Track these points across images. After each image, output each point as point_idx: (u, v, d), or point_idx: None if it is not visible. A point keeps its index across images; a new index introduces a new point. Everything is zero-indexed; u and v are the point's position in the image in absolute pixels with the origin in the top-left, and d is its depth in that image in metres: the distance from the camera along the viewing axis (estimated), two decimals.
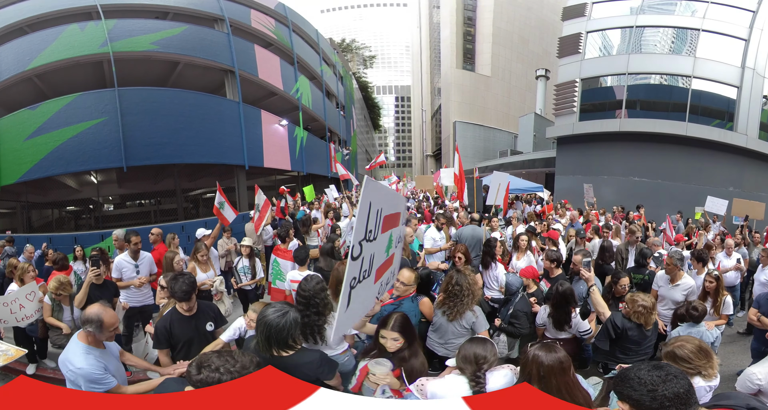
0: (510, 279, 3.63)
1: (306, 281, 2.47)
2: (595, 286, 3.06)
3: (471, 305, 2.74)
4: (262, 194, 6.33)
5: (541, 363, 1.67)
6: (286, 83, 13.11)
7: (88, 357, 2.08)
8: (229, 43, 10.74)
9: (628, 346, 2.86)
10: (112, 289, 3.80)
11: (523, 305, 3.44)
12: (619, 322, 2.84)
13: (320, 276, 2.63)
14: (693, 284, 3.70)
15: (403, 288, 2.81)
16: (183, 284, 2.45)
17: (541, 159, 22.79)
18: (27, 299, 3.62)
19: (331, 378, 2.11)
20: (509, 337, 3.46)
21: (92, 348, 2.14)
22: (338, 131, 19.18)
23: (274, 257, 4.76)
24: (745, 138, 14.74)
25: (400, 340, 2.08)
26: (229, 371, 1.41)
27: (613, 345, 2.91)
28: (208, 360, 1.44)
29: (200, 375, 1.41)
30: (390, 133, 75.26)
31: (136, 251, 4.29)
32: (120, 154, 8.28)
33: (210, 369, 1.41)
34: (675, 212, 11.28)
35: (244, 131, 10.50)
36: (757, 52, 14.83)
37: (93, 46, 8.68)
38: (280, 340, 1.94)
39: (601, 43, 18.18)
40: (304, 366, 1.99)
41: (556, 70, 21.15)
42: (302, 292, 2.43)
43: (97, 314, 2.09)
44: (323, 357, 2.12)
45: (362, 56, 61.96)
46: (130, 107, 8.50)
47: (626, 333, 2.81)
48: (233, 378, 1.38)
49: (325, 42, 19.12)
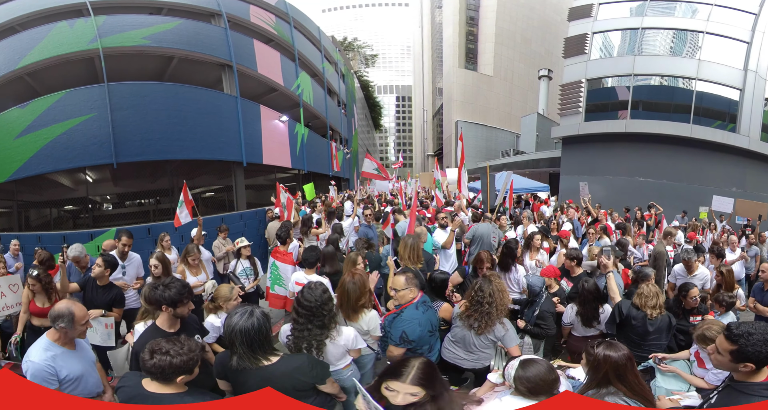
0: (532, 280, 3.46)
1: (310, 290, 2.17)
2: (612, 273, 3.33)
3: (500, 316, 2.43)
4: (284, 192, 6.24)
5: (615, 362, 1.65)
6: (287, 79, 12.81)
7: (46, 353, 2.00)
8: (226, 38, 10.44)
9: (631, 337, 2.92)
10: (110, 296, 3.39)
11: (548, 305, 3.34)
12: (624, 309, 2.96)
13: (326, 285, 2.30)
14: (708, 274, 4.18)
15: (400, 295, 2.49)
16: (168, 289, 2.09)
17: (545, 159, 22.75)
18: (10, 289, 3.58)
19: (324, 381, 1.89)
20: (534, 339, 3.34)
21: (56, 346, 2.04)
22: (340, 129, 18.88)
23: (272, 261, 4.42)
24: (747, 140, 14.95)
25: (421, 394, 1.41)
26: (179, 353, 1.58)
27: (619, 334, 3.01)
28: (158, 345, 1.60)
29: (153, 359, 1.56)
30: (391, 133, 75.09)
31: (125, 251, 4.01)
32: (110, 150, 8.01)
33: (161, 352, 1.57)
34: (679, 212, 11.47)
35: (242, 127, 10.17)
36: (759, 55, 15.05)
37: (82, 43, 8.49)
38: (263, 342, 1.80)
39: (606, 44, 18.29)
40: (295, 372, 1.80)
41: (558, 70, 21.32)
42: (305, 302, 2.11)
43: (68, 308, 2.01)
44: (311, 360, 1.94)
45: (364, 55, 61.79)
46: (121, 102, 8.24)
47: (630, 320, 2.91)
48: (182, 361, 1.58)
49: (326, 39, 18.85)
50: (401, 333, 2.36)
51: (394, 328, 2.42)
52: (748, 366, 1.50)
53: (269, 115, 11.55)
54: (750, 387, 1.52)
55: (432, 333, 2.54)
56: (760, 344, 1.48)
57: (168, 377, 1.58)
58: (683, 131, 15.40)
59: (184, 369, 1.59)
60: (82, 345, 2.23)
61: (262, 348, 1.79)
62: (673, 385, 2.50)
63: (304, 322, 2.11)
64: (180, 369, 1.58)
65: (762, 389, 1.49)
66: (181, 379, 1.61)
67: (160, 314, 2.15)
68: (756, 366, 1.50)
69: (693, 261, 4.14)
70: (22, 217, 9.05)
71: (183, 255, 4.01)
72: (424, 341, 2.45)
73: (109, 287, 3.39)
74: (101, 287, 3.36)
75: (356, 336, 2.29)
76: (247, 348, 1.75)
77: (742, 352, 1.50)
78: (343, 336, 2.21)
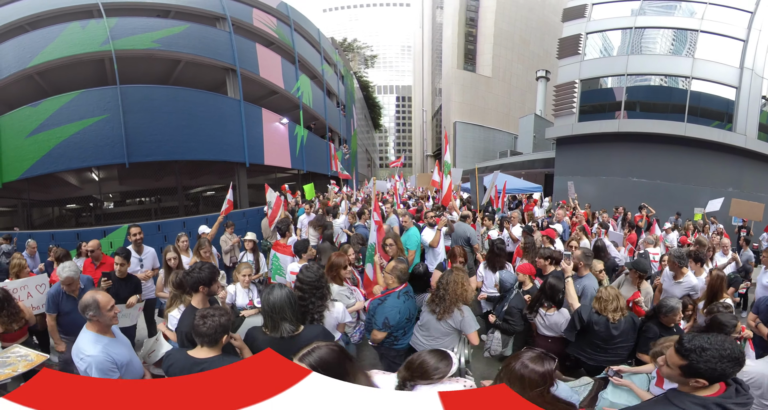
0: (504, 276, 3.64)
1: (307, 269, 2.56)
2: (570, 278, 3.25)
3: (456, 303, 2.74)
4: (273, 191, 6.47)
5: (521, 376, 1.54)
6: (287, 82, 13.18)
7: (97, 345, 2.10)
8: (230, 42, 10.81)
9: (595, 342, 2.88)
10: (132, 284, 3.73)
11: (517, 302, 3.42)
12: (585, 315, 2.87)
13: (317, 265, 2.75)
14: (696, 283, 3.74)
15: (385, 275, 2.84)
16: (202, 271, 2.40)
17: (540, 160, 22.81)
18: (37, 290, 3.67)
19: None
20: (503, 334, 3.45)
21: (101, 337, 2.16)
22: (339, 130, 19.25)
23: (273, 252, 4.83)
24: (744, 138, 14.76)
25: None
26: (222, 314, 1.92)
27: (582, 338, 2.95)
28: (206, 311, 1.92)
29: (207, 322, 1.86)
30: (390, 133, 75.27)
31: (139, 244, 4.37)
32: (122, 150, 8.35)
33: (211, 316, 1.88)
34: (674, 213, 11.29)
35: (245, 129, 10.57)
36: (755, 53, 14.84)
37: (95, 44, 8.73)
38: (296, 309, 2.15)
39: (601, 44, 18.24)
40: (313, 341, 2.11)
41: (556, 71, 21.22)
42: (305, 278, 2.51)
43: (92, 296, 2.13)
44: (324, 331, 2.26)
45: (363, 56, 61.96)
46: (132, 105, 8.56)
47: (592, 326, 2.84)
48: (227, 319, 1.91)
49: (326, 41, 19.18)
50: (384, 318, 2.68)
51: (378, 314, 2.72)
52: (700, 381, 1.40)
53: (270, 117, 11.94)
54: (681, 397, 1.43)
55: (409, 320, 2.86)
56: (714, 361, 1.35)
57: (217, 338, 1.87)
58: (678, 130, 15.13)
59: (227, 327, 1.92)
60: (118, 331, 2.36)
61: (296, 314, 2.13)
62: (622, 399, 2.33)
63: (309, 296, 2.45)
64: (226, 327, 1.90)
65: (693, 402, 1.39)
66: (224, 339, 1.92)
67: (194, 295, 2.43)
68: (708, 381, 1.40)
69: (679, 266, 3.76)
70: (27, 215, 9.20)
71: (196, 248, 4.42)
72: (401, 325, 2.77)
73: (128, 278, 3.75)
74: (122, 279, 3.64)
75: (344, 311, 2.70)
76: (292, 314, 2.09)
77: (693, 368, 1.39)
78: (336, 309, 2.62)
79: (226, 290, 3.46)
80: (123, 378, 2.12)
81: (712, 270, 3.63)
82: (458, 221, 5.51)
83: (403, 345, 2.84)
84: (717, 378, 1.39)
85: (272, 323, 2.10)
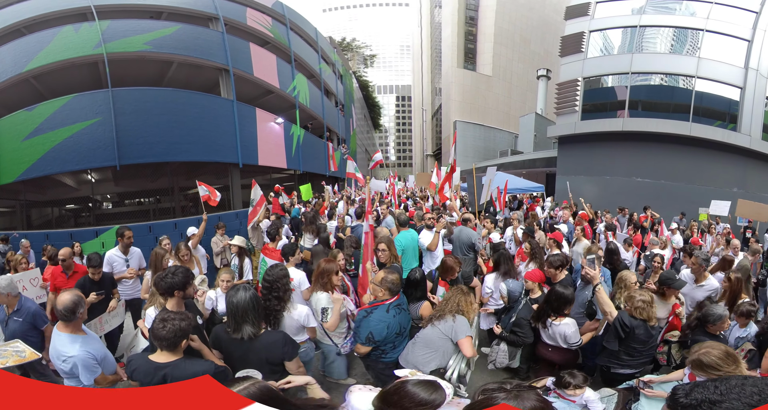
0: (511, 286, 3.42)
1: (271, 268, 2.59)
2: (600, 285, 2.92)
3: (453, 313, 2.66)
4: (259, 189, 6.30)
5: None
6: (283, 81, 13.06)
7: (75, 344, 2.14)
8: (223, 42, 10.70)
9: (634, 346, 2.80)
10: (108, 282, 3.84)
11: (526, 312, 3.20)
12: (627, 320, 2.77)
13: (284, 265, 2.83)
14: (717, 286, 3.71)
15: (373, 287, 2.64)
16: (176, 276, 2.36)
17: (541, 159, 22.67)
18: (31, 283, 3.92)
19: (293, 358, 2.16)
20: (510, 346, 3.25)
21: (76, 336, 2.19)
22: (337, 129, 19.12)
23: (262, 256, 4.69)
24: (748, 139, 14.65)
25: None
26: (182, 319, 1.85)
27: (619, 346, 2.84)
28: (167, 314, 1.87)
29: (166, 326, 1.81)
30: (390, 132, 75.20)
31: (128, 245, 4.43)
32: (114, 153, 8.37)
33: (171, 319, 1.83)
34: (678, 213, 11.09)
35: (239, 129, 10.46)
36: (760, 53, 14.74)
37: (87, 48, 8.79)
38: (259, 311, 2.14)
39: (604, 42, 18.08)
40: (271, 346, 2.09)
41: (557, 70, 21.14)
42: (267, 277, 2.53)
43: (76, 296, 2.18)
44: (286, 337, 2.18)
45: (363, 55, 61.92)
46: (124, 107, 8.59)
47: (634, 331, 2.75)
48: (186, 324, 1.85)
49: (324, 40, 19.06)
50: (368, 333, 2.52)
51: (363, 327, 2.56)
52: None
53: (265, 117, 11.82)
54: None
55: (399, 334, 2.65)
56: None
57: (176, 341, 1.84)
58: (682, 130, 15.02)
59: (187, 332, 1.89)
60: (87, 330, 2.37)
61: (258, 317, 2.12)
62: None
63: (266, 294, 2.48)
64: (185, 331, 1.87)
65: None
66: (184, 344, 1.89)
67: (169, 299, 2.37)
68: None
69: (705, 268, 3.75)
70: (24, 216, 9.31)
71: (174, 252, 4.34)
72: (390, 340, 2.59)
73: (102, 278, 3.72)
74: (97, 282, 3.65)
75: (308, 314, 2.65)
76: (254, 316, 2.08)
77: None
78: (297, 312, 2.58)
79: (206, 294, 3.34)
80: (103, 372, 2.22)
81: (730, 274, 3.59)
82: (460, 226, 5.10)
83: (392, 359, 2.67)
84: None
85: (234, 324, 2.10)
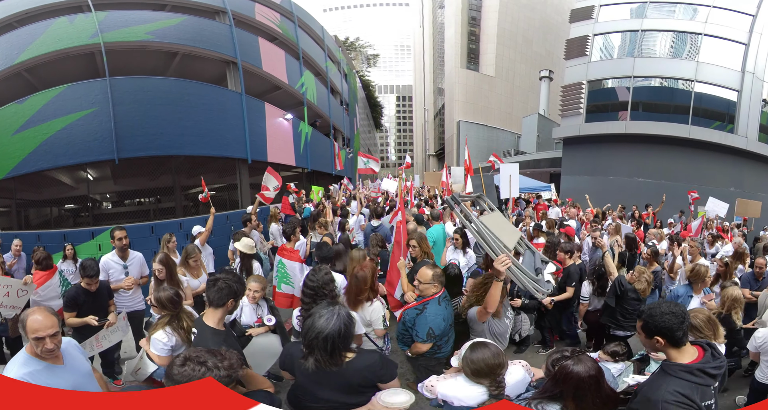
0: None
1: (314, 272, 2.40)
2: (608, 252, 3.96)
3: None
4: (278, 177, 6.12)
5: (579, 381, 1.51)
6: (291, 78, 12.71)
7: (22, 369, 1.78)
8: (231, 34, 10.33)
9: (626, 308, 3.44)
10: (105, 293, 3.44)
11: None
12: (624, 282, 3.49)
13: (328, 268, 2.51)
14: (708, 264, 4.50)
15: (423, 287, 2.58)
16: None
17: (546, 159, 22.81)
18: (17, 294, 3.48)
19: (391, 379, 1.84)
20: (526, 313, 3.77)
21: (36, 361, 1.80)
22: (342, 128, 18.80)
23: (278, 258, 4.32)
24: (745, 140, 15.18)
25: None
26: (217, 366, 1.41)
27: (617, 306, 3.50)
28: (197, 353, 1.43)
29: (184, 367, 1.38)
30: (391, 132, 75.00)
31: (124, 249, 3.84)
32: (111, 145, 7.79)
33: (197, 361, 1.39)
34: (677, 212, 11.54)
35: (247, 124, 10.06)
36: (756, 56, 15.24)
37: (83, 38, 8.28)
38: (346, 345, 1.73)
39: (607, 46, 18.44)
40: (365, 370, 1.76)
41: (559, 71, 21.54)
42: (310, 283, 2.34)
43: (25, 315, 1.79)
44: (383, 359, 1.90)
45: (366, 55, 61.73)
46: (123, 97, 8.03)
47: (626, 293, 3.44)
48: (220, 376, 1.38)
49: (330, 39, 18.77)
50: (428, 329, 2.45)
51: (419, 325, 2.49)
52: (659, 340, 1.56)
53: (274, 112, 11.45)
54: (671, 367, 1.55)
55: (451, 326, 2.69)
56: (657, 317, 1.55)
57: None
58: (682, 132, 15.57)
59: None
60: (74, 356, 2.01)
61: (341, 352, 1.71)
62: None
63: (309, 302, 2.27)
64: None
65: (680, 370, 1.52)
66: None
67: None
68: (666, 340, 1.55)
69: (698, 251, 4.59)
70: (21, 216, 8.86)
71: (183, 257, 3.86)
72: (446, 333, 2.58)
73: (99, 289, 3.35)
74: (94, 293, 3.30)
75: (357, 322, 2.29)
76: (328, 354, 1.66)
77: (647, 327, 1.59)
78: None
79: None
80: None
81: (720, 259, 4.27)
82: None
83: (446, 354, 2.64)
84: (669, 333, 1.54)
85: (308, 351, 1.71)
